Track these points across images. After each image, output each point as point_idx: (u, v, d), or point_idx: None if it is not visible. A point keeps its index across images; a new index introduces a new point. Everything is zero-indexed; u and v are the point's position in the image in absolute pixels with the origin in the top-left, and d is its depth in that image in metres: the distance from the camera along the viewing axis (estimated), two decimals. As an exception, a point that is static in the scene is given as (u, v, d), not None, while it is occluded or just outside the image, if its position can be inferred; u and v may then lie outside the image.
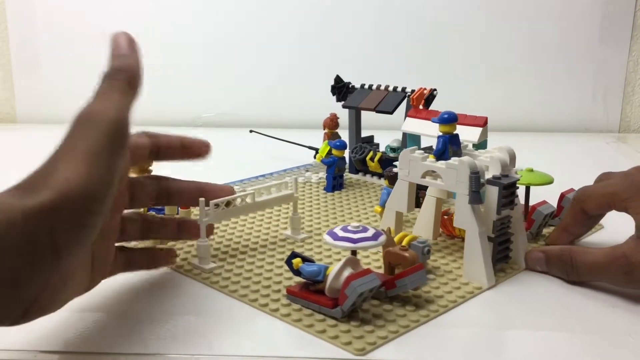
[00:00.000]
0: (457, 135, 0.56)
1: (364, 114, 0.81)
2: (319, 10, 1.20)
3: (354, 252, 0.47)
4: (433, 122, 0.57)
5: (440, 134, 0.55)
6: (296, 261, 0.47)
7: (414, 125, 0.72)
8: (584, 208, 0.53)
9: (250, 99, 1.23)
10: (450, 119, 0.55)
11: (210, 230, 0.53)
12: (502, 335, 0.44)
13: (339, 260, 0.47)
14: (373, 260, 0.55)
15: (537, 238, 0.59)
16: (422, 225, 0.60)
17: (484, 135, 0.67)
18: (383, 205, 0.61)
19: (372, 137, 0.84)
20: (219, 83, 1.23)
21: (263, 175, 0.83)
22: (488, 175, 0.51)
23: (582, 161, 1.00)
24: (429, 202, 0.58)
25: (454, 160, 0.51)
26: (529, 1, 1.19)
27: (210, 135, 1.19)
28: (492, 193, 0.50)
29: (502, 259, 0.52)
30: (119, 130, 0.36)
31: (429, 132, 0.69)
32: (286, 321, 0.44)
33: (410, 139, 0.73)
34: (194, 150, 0.50)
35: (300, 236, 0.61)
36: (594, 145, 1.12)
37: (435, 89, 0.72)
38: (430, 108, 0.73)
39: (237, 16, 1.21)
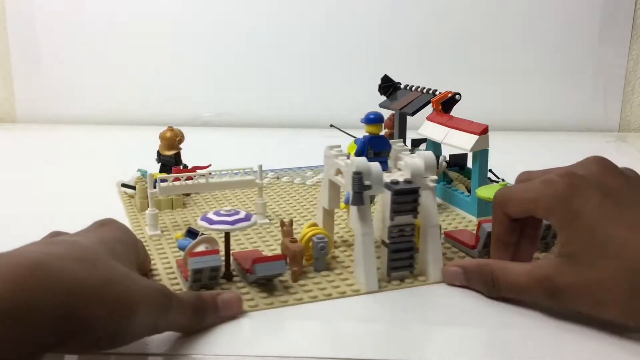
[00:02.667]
0: (382, 136, 0.55)
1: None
2: (318, 10, 1.20)
3: (227, 235, 0.49)
4: (361, 122, 0.56)
5: (366, 134, 0.55)
6: (177, 235, 0.52)
7: (429, 129, 0.71)
8: (505, 212, 0.49)
9: (250, 99, 1.23)
10: (374, 120, 0.55)
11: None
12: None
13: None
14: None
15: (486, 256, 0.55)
16: (376, 226, 0.58)
17: (481, 144, 0.64)
18: (347, 203, 0.59)
19: (425, 140, 0.77)
20: (219, 83, 1.23)
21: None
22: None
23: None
24: (380, 203, 0.56)
25: (350, 159, 0.50)
26: (529, 1, 1.19)
27: (210, 135, 1.21)
28: (388, 198, 0.49)
29: (400, 268, 0.50)
30: None
31: (437, 136, 0.69)
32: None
33: (431, 143, 0.72)
34: None
35: (261, 221, 0.63)
36: (593, 144, 1.11)
37: (458, 93, 0.70)
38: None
39: (238, 16, 1.21)
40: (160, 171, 0.72)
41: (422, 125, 0.72)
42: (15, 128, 1.22)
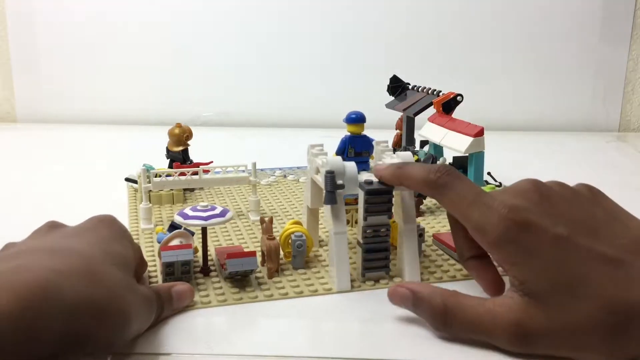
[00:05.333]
0: (363, 136, 0.55)
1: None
2: (319, 10, 1.20)
3: (204, 230, 0.50)
4: (343, 122, 0.56)
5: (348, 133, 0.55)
6: (158, 229, 0.55)
7: (430, 130, 0.71)
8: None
9: (250, 99, 1.23)
10: (355, 119, 0.54)
11: None
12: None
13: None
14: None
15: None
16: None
17: (476, 146, 0.64)
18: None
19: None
20: (218, 82, 1.23)
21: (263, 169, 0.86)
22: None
23: (582, 160, 1.00)
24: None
25: (325, 158, 0.50)
26: (530, 1, 1.19)
27: (210, 134, 1.21)
28: (362, 198, 0.48)
29: (375, 268, 0.50)
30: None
31: (436, 138, 0.68)
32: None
33: (432, 144, 0.72)
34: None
35: (253, 217, 0.65)
36: (593, 144, 1.11)
37: (459, 95, 0.70)
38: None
39: (238, 15, 1.21)
40: (169, 166, 0.73)
41: (424, 127, 0.72)
42: (15, 128, 1.22)
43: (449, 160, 0.72)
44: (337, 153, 0.54)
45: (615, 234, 0.39)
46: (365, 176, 0.50)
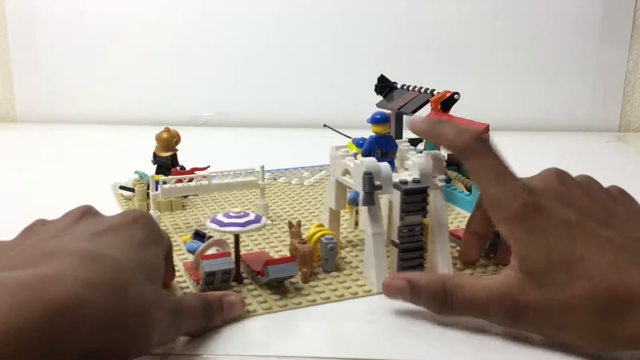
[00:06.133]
0: (388, 136, 0.55)
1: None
2: (316, 10, 1.20)
3: (237, 237, 0.49)
4: (367, 122, 0.56)
5: (373, 134, 0.55)
6: (184, 237, 0.53)
7: None
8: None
9: (250, 99, 1.23)
10: (380, 120, 0.54)
11: None
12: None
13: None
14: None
15: (486, 257, 0.55)
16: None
17: None
18: (351, 203, 0.58)
19: (421, 140, 0.75)
20: (219, 83, 1.23)
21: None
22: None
23: (582, 160, 1.00)
24: (385, 203, 0.56)
25: (359, 159, 0.50)
26: (529, 1, 1.19)
27: (210, 134, 1.21)
28: (397, 198, 0.49)
29: (410, 268, 0.50)
30: None
31: None
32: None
33: (429, 143, 0.72)
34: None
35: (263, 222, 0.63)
36: (593, 144, 1.12)
37: (456, 93, 0.70)
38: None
39: (238, 15, 1.21)
40: (157, 173, 0.71)
41: None
42: (15, 128, 1.22)
43: (445, 157, 0.73)
44: (364, 154, 0.54)
45: (633, 229, 0.40)
46: (393, 176, 0.50)
